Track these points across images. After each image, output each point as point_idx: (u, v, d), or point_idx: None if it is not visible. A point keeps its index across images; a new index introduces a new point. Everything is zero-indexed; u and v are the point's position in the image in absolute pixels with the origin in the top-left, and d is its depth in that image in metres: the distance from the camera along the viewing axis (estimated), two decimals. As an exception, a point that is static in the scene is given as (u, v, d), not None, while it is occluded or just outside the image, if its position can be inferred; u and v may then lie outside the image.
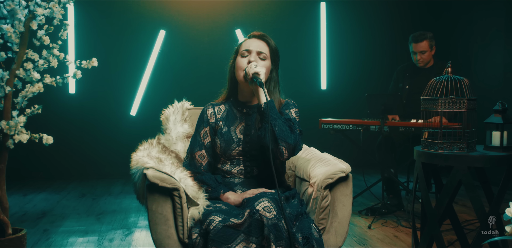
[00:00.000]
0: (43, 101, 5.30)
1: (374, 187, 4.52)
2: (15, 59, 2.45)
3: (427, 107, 2.55)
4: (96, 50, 5.51)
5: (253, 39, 2.25)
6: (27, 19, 2.44)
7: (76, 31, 5.45)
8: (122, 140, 5.40)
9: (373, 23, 6.16)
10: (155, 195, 1.93)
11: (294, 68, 5.93)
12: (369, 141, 4.35)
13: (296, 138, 2.05)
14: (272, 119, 2.02)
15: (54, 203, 4.33)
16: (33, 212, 4.03)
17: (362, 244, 3.20)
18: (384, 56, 6.15)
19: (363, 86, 5.98)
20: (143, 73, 5.59)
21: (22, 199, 4.50)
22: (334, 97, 6.03)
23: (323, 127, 4.02)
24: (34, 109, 2.58)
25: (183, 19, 5.71)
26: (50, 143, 2.47)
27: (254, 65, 2.12)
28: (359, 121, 3.86)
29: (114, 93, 5.60)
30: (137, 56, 5.61)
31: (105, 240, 3.29)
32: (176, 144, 2.40)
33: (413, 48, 4.01)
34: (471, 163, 2.41)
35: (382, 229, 3.53)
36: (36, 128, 5.26)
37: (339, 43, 6.08)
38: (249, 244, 1.78)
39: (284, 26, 5.92)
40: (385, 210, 3.84)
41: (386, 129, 3.72)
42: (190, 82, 5.61)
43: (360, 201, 4.34)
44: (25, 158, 5.38)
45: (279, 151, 2.03)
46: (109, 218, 3.84)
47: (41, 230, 3.51)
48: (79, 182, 5.31)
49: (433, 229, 2.52)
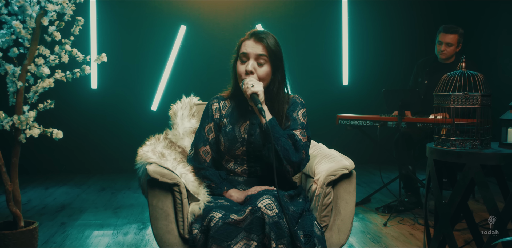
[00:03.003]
0: (65, 96, 5.44)
1: (393, 184, 4.45)
2: (27, 54, 2.48)
3: (440, 103, 2.49)
4: (117, 46, 5.57)
5: (251, 40, 2.15)
6: (39, 15, 2.46)
7: (98, 27, 5.51)
8: (143, 134, 5.34)
9: (396, 18, 6.05)
10: (155, 190, 1.94)
11: (315, 64, 5.88)
12: (388, 138, 4.29)
13: (300, 155, 2.02)
14: (274, 139, 1.98)
15: (74, 197, 4.40)
16: (53, 205, 4.10)
17: (376, 242, 3.15)
18: (406, 51, 6.04)
19: (385, 81, 5.90)
20: (164, 68, 5.62)
21: (44, 192, 4.58)
22: (355, 92, 5.96)
23: (340, 122, 3.98)
24: (47, 104, 2.60)
25: (203, 14, 5.71)
26: (60, 137, 2.50)
27: (251, 84, 2.03)
28: (376, 117, 3.80)
29: (135, 88, 5.65)
30: (158, 51, 5.64)
31: (119, 234, 3.33)
32: (183, 139, 2.41)
33: (440, 37, 3.89)
34: (484, 161, 2.33)
35: (398, 226, 3.48)
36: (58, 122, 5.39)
37: (361, 38, 5.99)
38: (250, 242, 1.76)
39: (305, 21, 5.87)
40: (402, 207, 3.78)
41: (403, 125, 3.65)
42: (210, 77, 5.61)
43: (378, 198, 4.28)
44: (48, 152, 5.49)
45: (284, 169, 2.02)
46: (126, 212, 3.88)
47: (58, 223, 3.57)
48: (100, 176, 5.38)
49: (445, 227, 2.47)
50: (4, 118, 2.44)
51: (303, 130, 2.13)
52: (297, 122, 2.14)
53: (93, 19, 5.48)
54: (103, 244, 3.12)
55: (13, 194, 2.51)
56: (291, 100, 2.23)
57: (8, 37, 2.45)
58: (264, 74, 2.13)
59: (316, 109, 5.80)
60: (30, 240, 2.51)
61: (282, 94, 2.19)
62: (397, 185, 4.60)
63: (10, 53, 2.45)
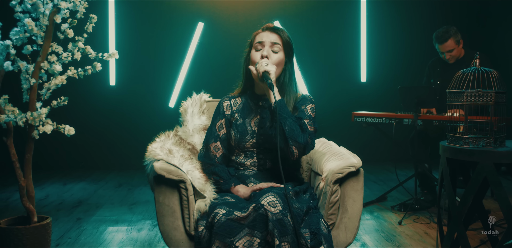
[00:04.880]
0: (84, 93, 5.51)
1: (409, 182, 4.40)
2: (40, 52, 2.51)
3: (453, 100, 2.45)
4: (136, 43, 5.62)
5: (266, 31, 2.23)
6: (52, 13, 2.48)
7: (117, 25, 5.55)
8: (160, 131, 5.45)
9: (415, 14, 5.97)
10: (162, 187, 1.94)
11: (333, 60, 5.84)
12: (404, 135, 4.24)
13: (306, 137, 2.01)
14: (282, 118, 1.98)
15: (91, 193, 4.45)
16: (70, 201, 4.15)
17: (389, 241, 3.12)
18: (426, 49, 5.93)
19: (404, 79, 5.83)
20: (181, 65, 5.64)
21: (62, 188, 4.65)
22: (374, 90, 5.90)
23: (355, 120, 3.94)
24: (61, 101, 2.63)
25: (220, 11, 5.71)
26: (71, 134, 2.52)
27: (265, 63, 2.09)
28: (392, 115, 3.76)
29: (153, 84, 5.68)
30: (175, 48, 5.66)
31: (133, 230, 3.35)
32: (192, 136, 2.41)
33: (439, 48, 3.82)
34: (497, 159, 2.29)
35: (413, 225, 3.43)
36: (78, 119, 5.46)
37: (380, 35, 5.93)
38: (252, 239, 1.76)
39: (323, 18, 5.83)
40: (418, 206, 3.73)
41: (419, 122, 3.61)
42: (228, 74, 5.59)
43: (395, 196, 4.24)
44: (68, 149, 5.56)
45: (289, 151, 2.00)
46: (141, 208, 3.91)
47: (74, 219, 3.61)
48: (118, 172, 5.44)
49: (457, 227, 2.43)
50: (18, 115, 2.48)
51: (310, 120, 2.13)
52: (305, 114, 2.16)
53: (112, 17, 5.52)
54: (116, 240, 3.15)
55: (27, 189, 2.55)
56: (300, 96, 2.24)
57: (22, 35, 2.48)
58: (278, 60, 2.18)
59: (333, 106, 5.77)
60: (43, 235, 2.55)
61: (291, 86, 2.23)
62: (413, 183, 4.55)
63: (24, 50, 2.49)
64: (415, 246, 3.01)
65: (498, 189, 2.29)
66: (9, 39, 2.42)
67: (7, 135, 2.50)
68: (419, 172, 3.81)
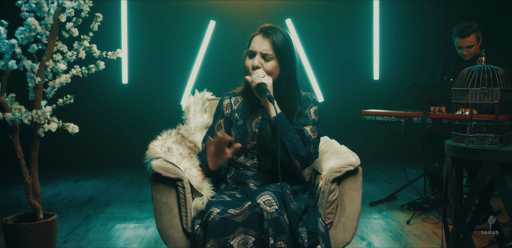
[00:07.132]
0: (97, 91, 5.56)
1: (419, 181, 4.36)
2: (45, 50, 2.54)
3: (458, 99, 2.41)
4: (148, 41, 5.65)
5: (259, 35, 2.16)
6: (56, 12, 2.51)
7: (129, 23, 5.59)
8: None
9: (429, 13, 5.90)
10: (159, 185, 1.95)
11: (346, 58, 5.80)
12: (414, 134, 4.19)
13: (308, 150, 1.99)
14: (282, 133, 1.96)
15: (102, 190, 4.49)
16: (81, 198, 4.19)
17: (396, 240, 3.09)
18: (439, 47, 5.87)
19: (418, 77, 5.78)
20: (193, 63, 5.65)
21: (74, 185, 4.69)
22: (387, 88, 5.84)
23: (364, 118, 3.91)
24: (66, 99, 2.66)
25: (232, 9, 5.71)
26: (75, 132, 2.54)
27: (262, 75, 2.05)
28: (401, 113, 3.72)
29: (165, 82, 5.71)
30: (187, 46, 5.68)
31: (140, 228, 3.38)
32: (194, 134, 2.42)
33: (459, 42, 3.74)
34: (502, 159, 2.25)
35: (422, 225, 3.40)
36: (92, 117, 5.52)
37: (393, 33, 5.87)
38: (247, 237, 1.75)
39: (336, 15, 5.79)
40: (427, 205, 3.69)
41: (429, 121, 3.56)
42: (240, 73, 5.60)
43: (405, 195, 4.19)
44: (80, 147, 5.62)
45: (292, 164, 1.99)
46: (150, 206, 3.93)
47: (83, 216, 3.65)
48: (129, 170, 5.47)
49: (462, 228, 2.39)
50: (24, 113, 2.51)
51: (313, 126, 2.10)
52: (308, 119, 2.11)
53: (124, 16, 5.56)
54: (123, 237, 3.18)
55: (33, 186, 2.58)
56: (303, 98, 2.20)
57: (27, 34, 2.51)
58: (271, 68, 2.12)
59: (345, 104, 5.74)
60: (48, 232, 2.57)
61: (292, 91, 2.15)
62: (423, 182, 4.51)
63: (30, 49, 2.51)
64: (422, 246, 2.98)
65: (503, 188, 2.25)
66: (15, 38, 2.45)
67: (13, 133, 2.53)
68: (428, 171, 3.76)
